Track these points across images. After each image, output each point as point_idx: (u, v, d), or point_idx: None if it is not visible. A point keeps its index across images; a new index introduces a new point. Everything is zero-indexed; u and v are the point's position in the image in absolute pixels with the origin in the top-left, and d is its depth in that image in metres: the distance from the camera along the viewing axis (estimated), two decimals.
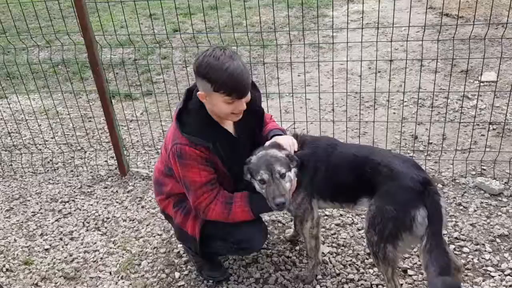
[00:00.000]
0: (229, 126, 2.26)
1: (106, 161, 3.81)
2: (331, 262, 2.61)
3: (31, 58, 5.85)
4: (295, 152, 2.24)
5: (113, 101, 3.48)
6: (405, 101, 4.26)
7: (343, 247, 2.71)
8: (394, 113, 4.12)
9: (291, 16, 7.15)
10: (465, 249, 2.61)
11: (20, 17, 4.88)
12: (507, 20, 3.15)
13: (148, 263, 2.72)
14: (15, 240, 3.01)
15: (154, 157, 3.77)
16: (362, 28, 3.13)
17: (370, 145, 3.03)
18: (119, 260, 2.76)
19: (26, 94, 4.81)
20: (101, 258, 2.79)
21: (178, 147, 2.11)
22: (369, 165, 2.13)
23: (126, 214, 3.16)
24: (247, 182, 2.23)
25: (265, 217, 2.96)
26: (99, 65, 3.14)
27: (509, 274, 2.42)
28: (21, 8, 3.56)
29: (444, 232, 2.16)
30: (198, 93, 2.08)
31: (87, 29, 2.99)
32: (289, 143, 2.25)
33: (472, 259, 2.54)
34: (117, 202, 3.30)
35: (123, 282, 2.59)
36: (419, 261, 2.55)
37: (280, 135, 2.34)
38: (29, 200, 3.41)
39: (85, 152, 3.94)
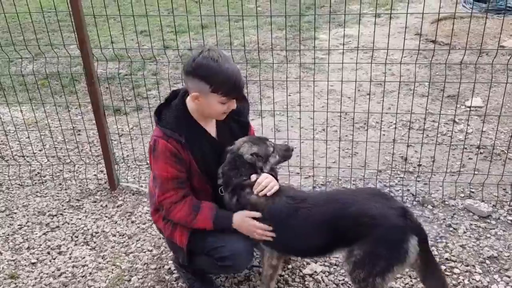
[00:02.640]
0: (211, 129, 2.29)
1: (95, 175, 3.76)
2: (323, 281, 2.60)
3: (19, 70, 5.79)
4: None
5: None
6: (394, 123, 4.33)
7: (335, 266, 2.71)
8: (384, 134, 4.18)
9: (281, 37, 7.25)
10: (456, 270, 2.64)
11: (6, 29, 4.84)
12: (497, 48, 3.25)
13: (138, 279, 2.67)
14: (0, 253, 2.93)
15: (145, 172, 3.74)
16: (358, 50, 3.20)
17: (334, 191, 3.04)
18: (108, 275, 2.71)
19: (18, 105, 4.76)
20: (90, 273, 2.73)
21: (153, 139, 2.17)
22: (344, 220, 2.06)
23: (115, 229, 3.12)
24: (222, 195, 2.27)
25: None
26: (95, 78, 3.13)
27: None
28: (6, 21, 3.54)
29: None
30: (192, 94, 2.09)
31: (84, 42, 2.99)
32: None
33: (463, 280, 2.57)
34: (106, 217, 3.25)
35: None
36: (411, 281, 2.56)
37: None
38: (15, 213, 3.34)
39: (74, 165, 3.89)
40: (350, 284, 2.57)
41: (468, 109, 4.59)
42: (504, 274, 2.61)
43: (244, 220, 2.19)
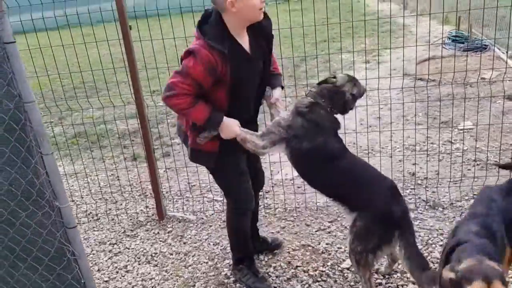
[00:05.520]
0: (245, 45, 2.53)
1: (141, 210, 4.24)
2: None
3: (49, 132, 6.39)
4: None
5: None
6: (398, 148, 4.90)
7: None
8: (391, 156, 4.74)
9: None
10: None
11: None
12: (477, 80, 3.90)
13: (201, 284, 3.10)
14: None
15: (186, 204, 4.22)
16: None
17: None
18: (175, 284, 3.14)
19: (60, 159, 5.27)
20: (159, 284, 3.16)
21: (194, 46, 2.38)
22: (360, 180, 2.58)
23: (171, 249, 3.57)
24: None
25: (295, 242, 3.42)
26: (146, 121, 3.70)
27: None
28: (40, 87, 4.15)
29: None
30: (227, 2, 2.32)
31: (138, 91, 3.59)
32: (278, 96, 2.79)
33: None
34: (160, 241, 3.70)
35: None
36: (434, 265, 3.02)
37: (280, 84, 2.85)
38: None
39: (122, 203, 4.37)
40: (379, 274, 3.03)
41: (462, 131, 5.19)
42: None
43: (232, 124, 2.53)
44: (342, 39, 5.17)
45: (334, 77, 2.66)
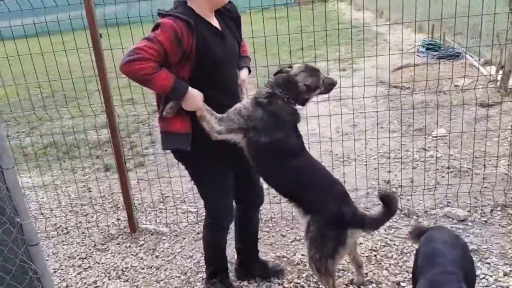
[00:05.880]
0: (214, 23, 2.51)
1: (113, 222, 4.12)
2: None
3: (18, 143, 6.20)
4: None
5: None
6: (373, 155, 4.91)
7: (343, 271, 3.13)
8: (366, 164, 4.74)
9: None
10: None
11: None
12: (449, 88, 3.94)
13: None
14: None
15: (159, 216, 4.12)
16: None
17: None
18: None
19: (28, 171, 5.11)
20: None
21: (160, 20, 2.34)
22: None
23: (143, 263, 3.47)
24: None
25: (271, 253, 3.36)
26: (117, 131, 3.61)
27: (483, 278, 2.92)
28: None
29: None
30: None
31: (109, 100, 3.50)
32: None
33: None
34: (132, 254, 3.60)
35: None
36: (409, 274, 3.01)
37: (248, 67, 2.80)
38: (47, 260, 3.64)
39: (93, 216, 4.24)
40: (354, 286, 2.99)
41: (435, 138, 5.24)
42: (485, 261, 3.09)
43: (196, 95, 2.41)
44: (318, 47, 5.20)
45: (290, 67, 2.63)
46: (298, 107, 2.64)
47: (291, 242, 3.53)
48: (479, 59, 7.90)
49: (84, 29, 3.53)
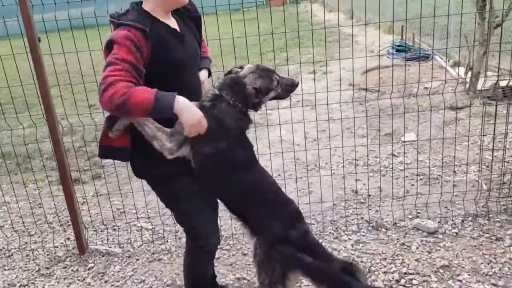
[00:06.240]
0: (172, 25, 2.28)
1: (62, 242, 3.79)
2: None
3: None
4: None
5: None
6: (341, 163, 4.71)
7: None
8: (334, 173, 4.54)
9: None
10: (414, 281, 2.91)
11: None
12: (417, 92, 3.76)
13: None
14: None
15: (112, 234, 3.82)
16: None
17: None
18: None
19: None
20: None
21: (110, 37, 2.08)
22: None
23: None
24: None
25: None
26: (61, 145, 3.29)
27: None
28: None
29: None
30: None
31: (50, 110, 3.18)
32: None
33: None
34: (79, 280, 3.29)
35: None
36: None
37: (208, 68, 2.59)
38: None
39: (39, 236, 3.90)
40: None
41: (404, 143, 5.08)
42: (456, 279, 2.90)
43: (191, 105, 2.08)
44: (289, 49, 4.96)
45: (241, 67, 2.38)
46: (249, 111, 2.38)
47: (253, 261, 3.28)
48: (447, 61, 7.83)
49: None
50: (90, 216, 4.07)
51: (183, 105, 2.03)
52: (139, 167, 2.39)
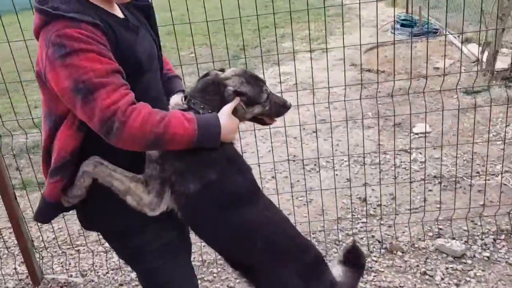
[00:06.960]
0: (118, 14, 1.69)
1: (15, 268, 3.17)
2: None
3: None
4: None
5: (17, 196, 2.94)
6: (345, 161, 4.08)
7: None
8: (337, 174, 3.91)
9: None
10: None
11: None
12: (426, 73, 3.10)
13: None
14: None
15: (74, 257, 3.20)
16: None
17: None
18: None
19: None
20: None
21: (53, 37, 1.43)
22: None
23: None
24: None
25: None
26: (1, 156, 2.64)
27: None
28: None
29: None
30: None
31: None
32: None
33: None
34: None
35: None
36: None
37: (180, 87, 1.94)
38: None
39: None
40: None
41: (417, 135, 4.45)
42: None
43: (231, 117, 1.65)
44: (286, 25, 4.26)
45: (222, 70, 1.79)
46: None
47: None
48: (458, 36, 7.12)
49: None
50: (43, 240, 3.38)
51: (227, 121, 1.62)
52: (92, 218, 1.75)
